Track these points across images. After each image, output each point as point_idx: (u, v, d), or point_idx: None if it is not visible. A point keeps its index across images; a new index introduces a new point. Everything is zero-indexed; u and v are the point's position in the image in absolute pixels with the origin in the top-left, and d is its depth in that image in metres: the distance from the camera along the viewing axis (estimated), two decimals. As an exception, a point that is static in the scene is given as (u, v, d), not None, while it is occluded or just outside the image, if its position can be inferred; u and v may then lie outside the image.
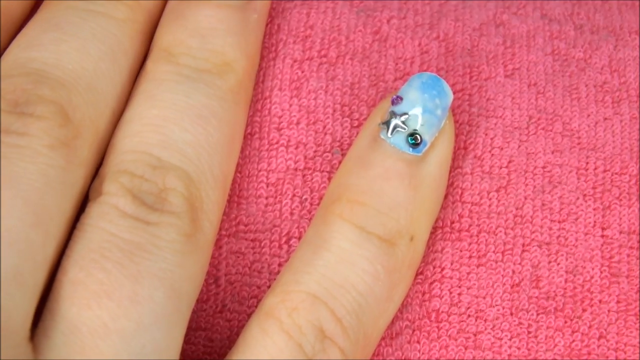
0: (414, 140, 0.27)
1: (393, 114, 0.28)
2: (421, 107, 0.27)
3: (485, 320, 0.28)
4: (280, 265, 0.29)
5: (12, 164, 0.25)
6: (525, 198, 0.29)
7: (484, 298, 0.28)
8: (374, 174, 0.27)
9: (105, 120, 0.28)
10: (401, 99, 0.28)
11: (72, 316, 0.24)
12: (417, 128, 0.27)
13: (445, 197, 0.29)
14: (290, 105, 0.30)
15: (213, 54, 0.28)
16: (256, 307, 0.29)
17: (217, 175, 0.27)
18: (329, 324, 0.26)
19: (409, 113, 0.27)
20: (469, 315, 0.28)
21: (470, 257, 0.29)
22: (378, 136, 0.28)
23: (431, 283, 0.29)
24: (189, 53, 0.28)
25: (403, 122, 0.27)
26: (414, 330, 0.28)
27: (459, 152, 0.30)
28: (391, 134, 0.27)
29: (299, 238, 0.29)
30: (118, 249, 0.25)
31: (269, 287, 0.29)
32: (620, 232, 0.29)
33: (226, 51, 0.28)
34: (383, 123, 0.28)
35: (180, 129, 0.27)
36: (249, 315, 0.29)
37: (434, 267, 0.29)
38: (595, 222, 0.29)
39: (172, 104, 0.27)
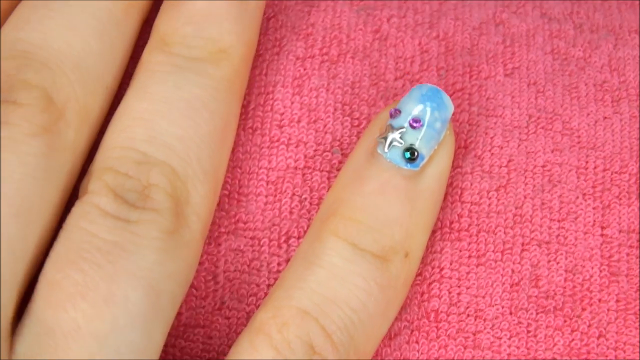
0: (411, 155, 0.27)
1: (390, 128, 0.27)
2: (420, 121, 0.27)
3: (484, 320, 0.28)
4: (279, 264, 0.29)
5: None
6: (525, 197, 0.29)
7: (484, 297, 0.28)
8: (369, 190, 0.27)
9: (98, 98, 0.27)
10: (399, 111, 0.27)
11: (47, 318, 0.24)
12: (415, 143, 0.27)
13: (445, 197, 0.29)
14: (292, 103, 0.30)
15: (208, 42, 0.28)
16: (255, 305, 0.29)
17: (206, 168, 0.27)
18: (319, 339, 0.26)
19: (406, 127, 0.27)
20: (468, 315, 0.28)
21: (469, 256, 0.29)
22: (375, 150, 0.27)
23: (430, 283, 0.29)
24: (184, 42, 0.28)
25: (400, 137, 0.27)
26: (412, 331, 0.28)
27: (459, 151, 0.30)
28: (388, 148, 0.27)
29: (299, 237, 0.29)
30: (96, 249, 0.25)
31: (268, 285, 0.29)
32: (620, 231, 0.29)
33: (222, 38, 0.28)
34: (381, 137, 0.27)
35: (169, 122, 0.27)
36: (248, 313, 0.29)
37: (432, 268, 0.29)
38: (594, 221, 0.29)
39: (162, 96, 0.27)
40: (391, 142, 0.27)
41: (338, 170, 0.30)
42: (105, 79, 0.27)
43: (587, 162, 0.30)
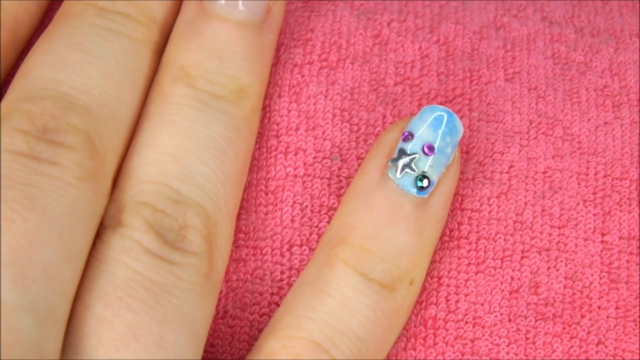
0: (422, 184, 0.27)
1: (403, 152, 0.27)
2: (434, 149, 0.27)
3: (482, 327, 0.28)
4: (282, 272, 0.29)
5: (46, 196, 0.25)
6: (526, 204, 0.29)
7: (482, 305, 0.29)
8: (380, 219, 0.27)
9: (124, 147, 0.27)
10: (412, 136, 0.27)
11: (98, 356, 0.24)
12: (426, 169, 0.27)
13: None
14: (289, 111, 0.30)
15: (230, 80, 0.28)
16: (258, 313, 0.29)
17: (230, 210, 0.27)
18: None
19: (419, 153, 0.27)
20: (466, 322, 0.28)
21: (468, 264, 0.29)
22: (386, 173, 0.27)
23: (428, 293, 0.29)
24: (207, 77, 0.28)
25: (412, 163, 0.27)
26: (408, 338, 0.28)
27: (461, 157, 0.30)
28: (400, 174, 0.27)
29: (301, 245, 0.29)
30: (144, 288, 0.25)
31: (271, 294, 0.29)
32: (620, 238, 0.29)
33: (242, 76, 0.28)
34: (392, 161, 0.27)
35: (200, 161, 0.27)
36: (251, 322, 0.29)
37: (431, 278, 0.29)
38: (595, 227, 0.29)
39: (192, 134, 0.27)
40: (404, 168, 0.27)
41: (338, 177, 0.30)
42: (129, 127, 0.28)
43: (587, 168, 0.30)
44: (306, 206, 0.29)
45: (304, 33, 0.31)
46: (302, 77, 0.30)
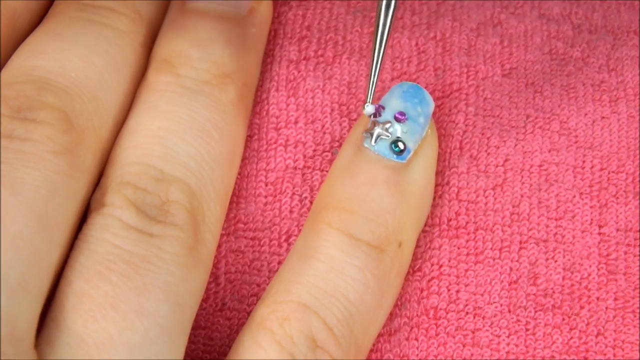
0: (398, 147, 0.27)
1: (376, 123, 0.28)
2: (405, 115, 0.28)
3: (483, 318, 0.28)
4: (279, 263, 0.29)
5: (16, 170, 0.25)
6: (522, 196, 0.29)
7: (482, 295, 0.29)
8: (360, 182, 0.27)
9: (108, 130, 0.28)
10: (383, 108, 0.28)
11: (77, 328, 0.24)
12: (400, 135, 0.28)
13: (441, 195, 0.29)
14: (288, 105, 0.30)
15: (213, 65, 0.28)
16: (256, 305, 0.29)
17: (218, 189, 0.27)
18: (321, 333, 0.26)
19: (392, 121, 0.28)
20: (467, 313, 0.28)
21: (467, 254, 0.29)
22: (362, 145, 0.28)
23: (429, 280, 0.29)
24: (189, 64, 0.28)
25: (386, 130, 0.27)
26: (412, 328, 0.28)
27: (455, 152, 0.30)
28: (375, 142, 0.28)
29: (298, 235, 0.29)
30: (123, 261, 0.25)
31: (268, 284, 0.29)
32: (617, 230, 0.29)
33: (225, 62, 0.29)
34: (366, 132, 0.28)
35: (183, 141, 0.27)
36: (249, 314, 0.29)
37: (431, 265, 0.29)
38: (592, 219, 0.29)
39: (175, 116, 0.27)
40: (378, 136, 0.27)
41: (337, 170, 0.30)
42: (116, 112, 0.28)
43: (584, 161, 0.30)
44: (305, 197, 0.29)
45: (299, 31, 0.31)
46: (299, 72, 0.31)
